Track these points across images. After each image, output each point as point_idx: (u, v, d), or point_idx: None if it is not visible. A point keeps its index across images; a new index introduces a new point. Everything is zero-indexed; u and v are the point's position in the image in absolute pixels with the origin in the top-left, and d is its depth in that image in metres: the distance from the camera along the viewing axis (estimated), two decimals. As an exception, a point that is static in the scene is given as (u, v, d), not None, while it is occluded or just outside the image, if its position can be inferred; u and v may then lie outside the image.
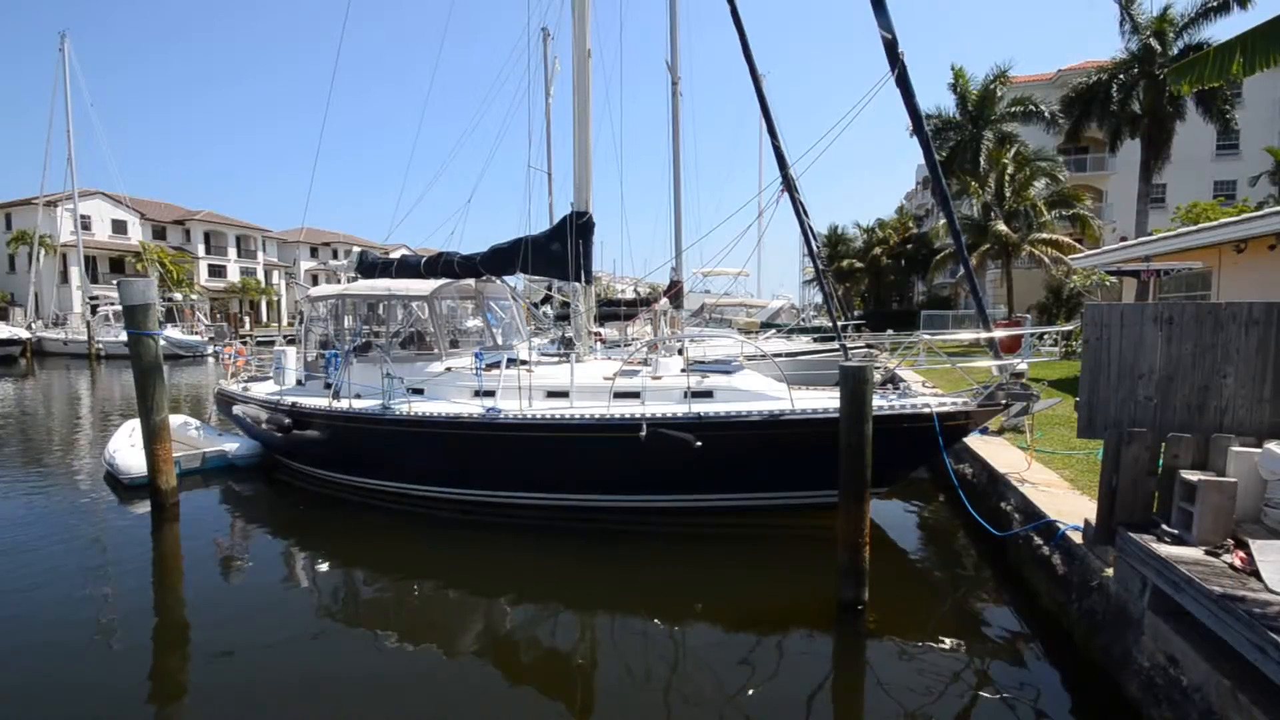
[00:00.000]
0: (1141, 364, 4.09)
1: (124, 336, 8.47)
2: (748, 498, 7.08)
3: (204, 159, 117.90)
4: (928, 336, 7.40)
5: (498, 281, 9.81)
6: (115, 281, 10.52)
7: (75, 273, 39.21)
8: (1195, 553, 3.41)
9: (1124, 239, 22.21)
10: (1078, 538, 4.61)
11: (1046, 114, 26.17)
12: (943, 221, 25.78)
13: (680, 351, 9.47)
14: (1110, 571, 4.13)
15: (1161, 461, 3.91)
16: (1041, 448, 7.25)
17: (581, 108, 8.92)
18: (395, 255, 10.98)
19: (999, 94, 26.55)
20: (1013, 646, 4.75)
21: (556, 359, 8.97)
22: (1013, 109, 26.68)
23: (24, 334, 31.57)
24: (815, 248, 9.99)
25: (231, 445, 9.81)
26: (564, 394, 7.32)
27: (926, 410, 6.27)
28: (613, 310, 16.15)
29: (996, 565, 5.88)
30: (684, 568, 6.26)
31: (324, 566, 6.70)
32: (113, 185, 41.44)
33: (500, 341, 9.63)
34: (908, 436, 6.34)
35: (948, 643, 4.70)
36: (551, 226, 9.16)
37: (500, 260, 9.14)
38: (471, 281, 9.50)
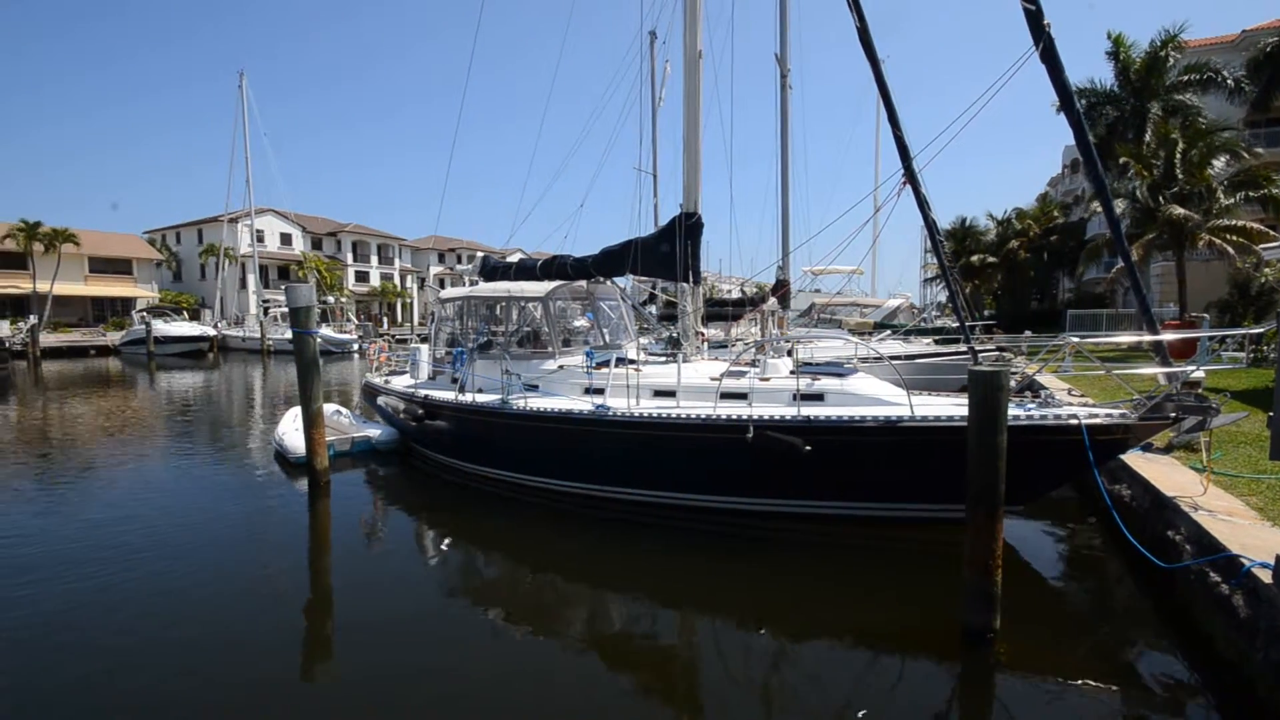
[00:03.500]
0: (1362, 375, 3.40)
1: (290, 334, 9.69)
2: (862, 507, 6.74)
3: (325, 154, 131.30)
4: (1076, 339, 6.63)
5: (608, 283, 10.09)
6: (283, 286, 12.05)
7: (252, 279, 45.48)
8: None
9: (1337, 223, 18.53)
10: (1266, 576, 3.92)
11: (1229, 81, 22.44)
12: (1096, 206, 22.92)
13: (790, 353, 9.21)
14: (1313, 620, 3.48)
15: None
16: (1221, 469, 6.25)
17: (691, 109, 8.94)
18: (513, 259, 11.64)
19: (1169, 61, 23.15)
20: (1175, 695, 4.15)
21: (664, 359, 9.06)
22: (1186, 77, 23.14)
23: (211, 332, 37.09)
24: (940, 242, 9.30)
25: (375, 432, 10.89)
26: (671, 393, 7.38)
27: (1073, 422, 5.63)
28: (718, 310, 16.04)
29: (1158, 602, 5.16)
30: (792, 575, 6.08)
31: (447, 546, 7.28)
32: (280, 203, 47.75)
33: (608, 341, 9.91)
34: (1049, 450, 5.73)
35: (1094, 684, 4.19)
36: (660, 228, 9.28)
37: (610, 262, 9.40)
38: (583, 283, 9.85)
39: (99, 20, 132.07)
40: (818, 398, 6.81)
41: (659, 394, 7.54)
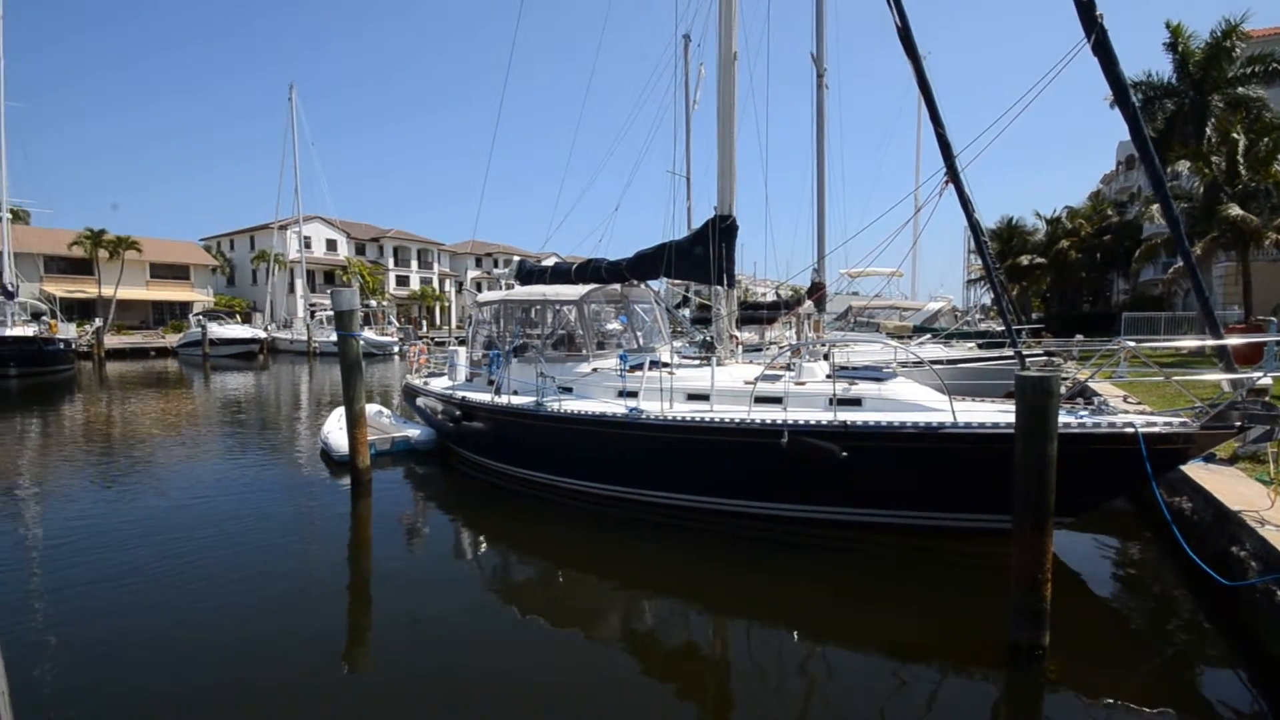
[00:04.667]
0: None
1: (334, 337, 10.02)
2: (900, 515, 6.57)
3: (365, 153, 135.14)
4: (1131, 343, 6.33)
5: (642, 286, 10.10)
6: (328, 291, 12.49)
7: (299, 284, 47.21)
8: None
9: None
10: (1347, 599, 3.67)
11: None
12: (1155, 208, 21.87)
13: (826, 357, 9.06)
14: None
15: None
16: (1291, 482, 5.87)
17: (726, 111, 8.89)
18: (548, 262, 11.78)
19: (1234, 51, 21.96)
20: (1238, 719, 3.91)
21: (698, 362, 9.02)
22: (1250, 69, 21.94)
23: (262, 335, 38.60)
24: (984, 242, 9.01)
25: (414, 432, 11.15)
26: (704, 397, 7.34)
27: (1129, 430, 5.37)
28: (753, 314, 15.88)
29: (1220, 621, 4.88)
30: (827, 583, 5.97)
31: (482, 545, 7.42)
32: (325, 209, 49.52)
33: (642, 344, 9.92)
34: (1102, 460, 5.48)
35: (1152, 708, 3.98)
36: (694, 231, 9.25)
37: (645, 265, 9.42)
38: (617, 286, 9.89)
39: (95, 27, 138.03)
40: (855, 403, 6.68)
41: (692, 397, 7.51)
